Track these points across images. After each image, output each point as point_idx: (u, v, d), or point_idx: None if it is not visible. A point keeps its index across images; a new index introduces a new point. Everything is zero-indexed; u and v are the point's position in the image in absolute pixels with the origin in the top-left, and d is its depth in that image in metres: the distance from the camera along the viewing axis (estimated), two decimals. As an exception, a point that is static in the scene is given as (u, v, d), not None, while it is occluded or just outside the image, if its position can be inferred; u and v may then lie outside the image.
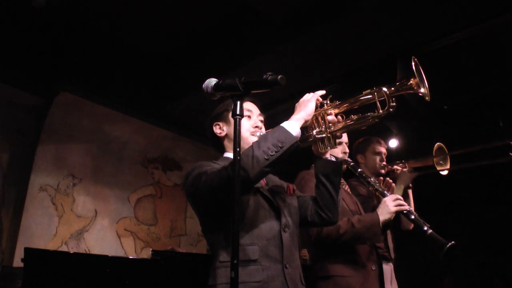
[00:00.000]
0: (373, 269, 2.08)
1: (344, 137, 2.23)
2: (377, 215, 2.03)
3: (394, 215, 2.05)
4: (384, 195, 2.15)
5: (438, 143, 2.70)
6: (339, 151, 2.06)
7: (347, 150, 2.25)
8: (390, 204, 2.05)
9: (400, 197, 2.11)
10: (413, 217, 2.07)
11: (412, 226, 2.68)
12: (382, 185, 2.32)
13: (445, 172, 2.67)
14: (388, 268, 2.44)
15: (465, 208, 5.37)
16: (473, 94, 4.13)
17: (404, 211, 2.08)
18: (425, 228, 2.01)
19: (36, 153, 4.01)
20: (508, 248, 4.83)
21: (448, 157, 2.66)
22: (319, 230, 1.98)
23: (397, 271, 2.47)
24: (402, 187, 2.59)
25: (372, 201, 2.41)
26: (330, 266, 2.01)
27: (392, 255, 2.49)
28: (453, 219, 5.47)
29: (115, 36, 3.99)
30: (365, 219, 2.03)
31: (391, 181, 2.45)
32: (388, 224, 2.07)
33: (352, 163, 2.29)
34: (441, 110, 4.20)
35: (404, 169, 2.61)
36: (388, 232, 2.54)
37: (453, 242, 1.89)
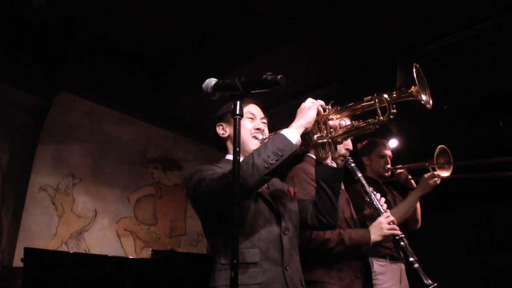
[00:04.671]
0: (358, 277, 2.04)
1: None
2: (369, 234, 1.98)
3: (384, 237, 2.02)
4: (379, 212, 2.11)
5: (441, 146, 2.63)
6: (342, 147, 2.04)
7: (351, 147, 2.18)
8: (385, 226, 2.01)
9: (394, 219, 2.06)
10: (402, 244, 2.07)
11: (419, 225, 2.69)
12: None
13: (446, 175, 2.60)
14: (397, 268, 2.42)
15: (465, 208, 5.37)
16: (473, 94, 4.13)
17: (396, 237, 2.08)
18: (412, 259, 2.02)
19: (36, 153, 4.01)
20: (505, 247, 4.83)
21: (452, 164, 2.59)
22: (307, 240, 1.90)
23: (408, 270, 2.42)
24: (419, 195, 2.50)
25: (368, 208, 2.39)
26: (314, 270, 1.94)
27: (402, 254, 2.47)
28: (453, 218, 5.47)
29: (115, 36, 3.98)
30: (357, 238, 1.96)
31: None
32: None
33: (353, 164, 2.24)
34: (441, 110, 4.20)
35: (430, 178, 2.48)
36: None
37: (435, 284, 1.91)
